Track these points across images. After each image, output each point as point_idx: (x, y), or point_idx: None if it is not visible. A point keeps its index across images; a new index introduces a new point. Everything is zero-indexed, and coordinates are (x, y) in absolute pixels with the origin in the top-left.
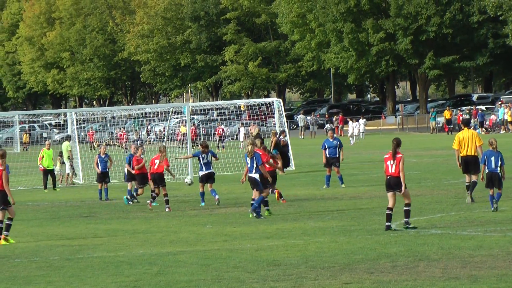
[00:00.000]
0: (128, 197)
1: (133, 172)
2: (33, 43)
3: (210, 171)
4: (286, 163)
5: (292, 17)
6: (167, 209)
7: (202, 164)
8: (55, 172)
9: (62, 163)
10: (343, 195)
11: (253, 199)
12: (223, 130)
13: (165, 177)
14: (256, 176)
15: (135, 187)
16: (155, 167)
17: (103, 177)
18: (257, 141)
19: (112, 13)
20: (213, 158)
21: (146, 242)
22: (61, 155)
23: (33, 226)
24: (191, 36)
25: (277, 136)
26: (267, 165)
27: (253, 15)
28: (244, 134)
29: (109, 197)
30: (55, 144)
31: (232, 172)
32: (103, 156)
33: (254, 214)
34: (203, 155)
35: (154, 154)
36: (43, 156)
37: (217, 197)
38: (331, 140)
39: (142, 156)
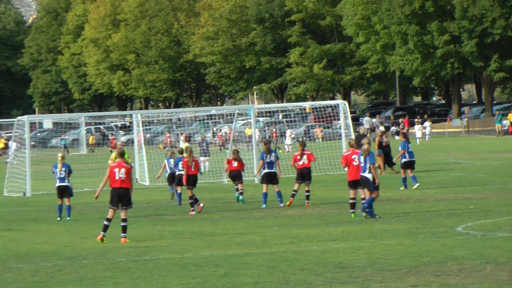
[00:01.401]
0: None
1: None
2: (98, 45)
3: (272, 170)
4: (389, 163)
5: (357, 20)
6: (192, 212)
7: (265, 163)
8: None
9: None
10: (409, 197)
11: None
12: (275, 132)
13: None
14: (369, 176)
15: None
16: (192, 169)
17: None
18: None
19: (177, 15)
20: (276, 160)
21: (212, 244)
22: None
23: (99, 228)
24: (256, 38)
25: (381, 136)
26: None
27: (318, 17)
28: (290, 136)
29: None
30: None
31: (315, 173)
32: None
33: (363, 214)
34: (266, 155)
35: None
36: (115, 157)
37: (281, 204)
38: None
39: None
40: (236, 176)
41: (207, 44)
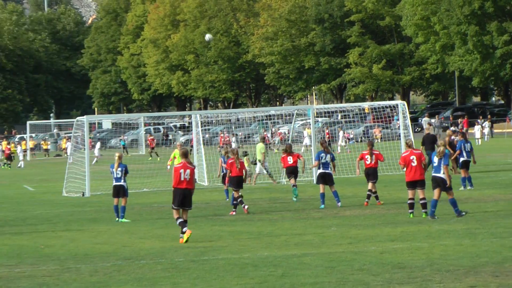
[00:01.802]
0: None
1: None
2: (157, 45)
3: (327, 171)
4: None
5: (416, 20)
6: (232, 213)
7: (321, 163)
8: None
9: (253, 163)
10: (468, 198)
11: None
12: (328, 133)
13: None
14: (444, 176)
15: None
16: (237, 170)
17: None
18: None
19: (236, 15)
20: (331, 161)
21: (270, 244)
22: (245, 154)
23: (158, 228)
24: (315, 39)
25: (450, 136)
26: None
27: (377, 18)
28: (343, 137)
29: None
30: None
31: (355, 174)
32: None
33: (458, 214)
34: (322, 155)
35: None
36: (174, 157)
37: (339, 204)
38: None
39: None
40: (291, 172)
41: (266, 44)
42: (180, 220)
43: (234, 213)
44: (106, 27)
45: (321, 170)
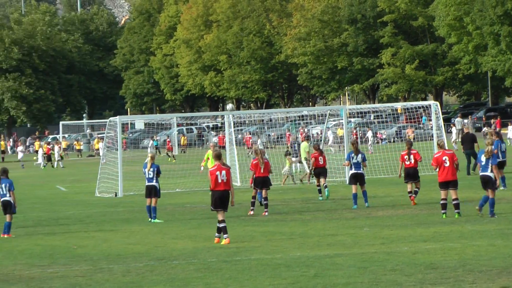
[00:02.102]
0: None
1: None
2: (190, 46)
3: (359, 171)
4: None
5: (449, 20)
6: (265, 213)
7: (352, 164)
8: (282, 172)
9: (297, 162)
10: (501, 198)
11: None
12: (355, 134)
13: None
14: (491, 175)
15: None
16: (261, 170)
17: None
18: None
19: (269, 16)
20: (362, 162)
21: (303, 245)
22: (287, 153)
23: (191, 228)
24: (348, 39)
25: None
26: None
27: (410, 18)
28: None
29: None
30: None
31: (388, 175)
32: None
33: (492, 215)
34: (352, 155)
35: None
36: (208, 158)
37: (366, 204)
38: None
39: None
40: (321, 172)
41: (299, 45)
42: (223, 225)
43: (266, 213)
44: (139, 28)
45: (353, 171)
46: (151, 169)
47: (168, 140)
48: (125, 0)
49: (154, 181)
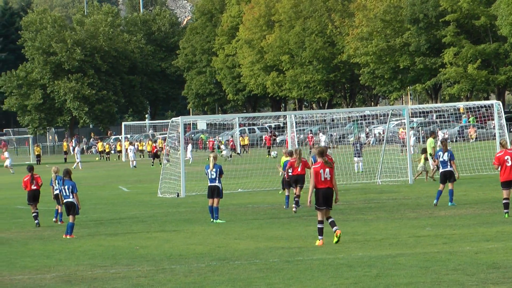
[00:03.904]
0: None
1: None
2: (252, 46)
3: (447, 169)
4: None
5: None
6: (294, 209)
7: (440, 162)
8: (418, 168)
9: (426, 159)
10: None
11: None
12: (401, 134)
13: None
14: None
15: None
16: (298, 169)
17: None
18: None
19: (331, 16)
20: (451, 159)
21: (365, 245)
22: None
23: (253, 228)
24: (410, 39)
25: None
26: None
27: (472, 17)
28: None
29: None
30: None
31: (469, 173)
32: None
33: None
34: (439, 153)
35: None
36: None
37: (450, 204)
38: None
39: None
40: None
41: (361, 44)
42: (320, 226)
43: (295, 209)
44: (201, 28)
45: (441, 169)
46: (214, 169)
47: (231, 139)
48: (187, 1)
49: (217, 181)
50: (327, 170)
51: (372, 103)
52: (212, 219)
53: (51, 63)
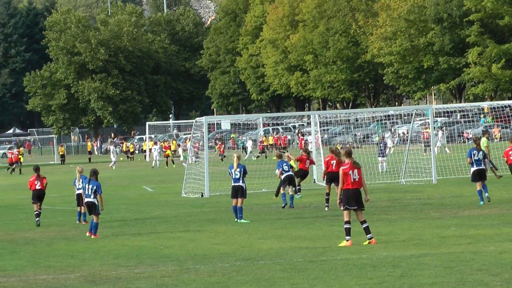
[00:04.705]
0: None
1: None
2: (276, 46)
3: (481, 167)
4: None
5: None
6: (326, 208)
7: (474, 160)
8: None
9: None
10: None
11: None
12: (424, 133)
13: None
14: None
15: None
16: (333, 167)
17: None
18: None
19: (355, 15)
20: (483, 157)
21: (389, 245)
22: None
23: (277, 228)
24: (434, 38)
25: None
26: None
27: (496, 17)
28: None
29: None
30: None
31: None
32: None
33: None
34: (474, 152)
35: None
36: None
37: (482, 203)
38: None
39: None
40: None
41: (385, 44)
42: (347, 227)
43: (327, 208)
44: (225, 28)
45: (475, 167)
46: (238, 169)
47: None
48: (211, 1)
49: (241, 181)
50: (356, 171)
51: (396, 103)
52: (236, 219)
53: (75, 63)
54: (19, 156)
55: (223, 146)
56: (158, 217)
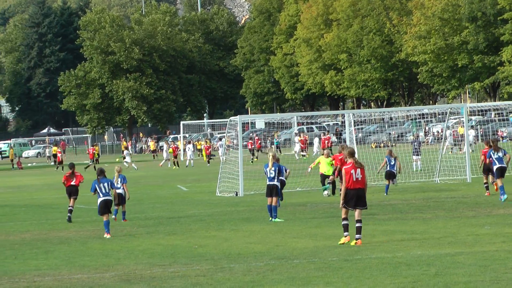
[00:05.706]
0: None
1: None
2: (310, 45)
3: (503, 165)
4: None
5: None
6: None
7: (495, 159)
8: None
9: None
10: None
11: None
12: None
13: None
14: None
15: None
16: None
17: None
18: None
19: (389, 14)
20: (505, 155)
21: (424, 243)
22: None
23: (311, 227)
24: (469, 37)
25: None
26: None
27: None
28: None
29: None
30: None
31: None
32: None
33: None
34: (493, 152)
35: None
36: (319, 162)
37: (502, 198)
38: None
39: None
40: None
41: (419, 43)
42: (345, 223)
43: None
44: (259, 27)
45: (497, 165)
46: (273, 168)
47: (175, 146)
48: (245, 0)
49: (275, 180)
50: (358, 170)
51: (430, 102)
52: (270, 218)
53: (110, 62)
54: (94, 154)
55: (259, 141)
56: (192, 216)
